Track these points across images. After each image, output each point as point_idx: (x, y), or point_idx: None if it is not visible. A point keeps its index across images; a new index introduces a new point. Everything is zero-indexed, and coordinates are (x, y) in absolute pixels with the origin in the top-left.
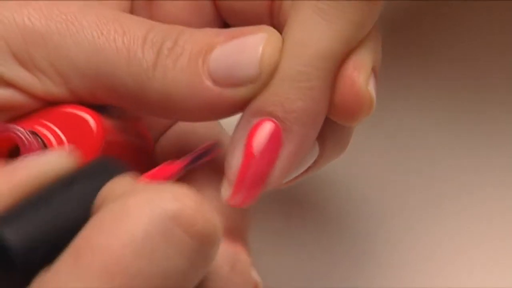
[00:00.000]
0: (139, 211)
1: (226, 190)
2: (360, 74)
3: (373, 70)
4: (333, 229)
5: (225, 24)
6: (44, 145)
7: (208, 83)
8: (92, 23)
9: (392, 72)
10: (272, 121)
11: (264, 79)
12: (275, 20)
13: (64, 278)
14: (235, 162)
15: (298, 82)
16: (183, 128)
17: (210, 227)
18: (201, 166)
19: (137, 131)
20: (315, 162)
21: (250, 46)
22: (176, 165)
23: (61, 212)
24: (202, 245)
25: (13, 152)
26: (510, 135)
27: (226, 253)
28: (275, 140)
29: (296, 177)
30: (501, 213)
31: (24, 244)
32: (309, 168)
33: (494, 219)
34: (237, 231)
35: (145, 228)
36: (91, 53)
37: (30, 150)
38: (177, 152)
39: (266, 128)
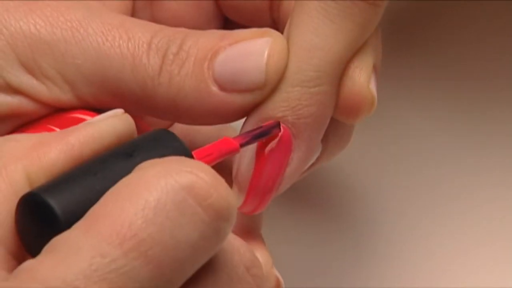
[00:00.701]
0: (154, 181)
1: (237, 198)
2: (361, 74)
3: (374, 68)
4: (333, 229)
5: (226, 20)
6: None
7: (214, 88)
8: (97, 30)
9: (392, 72)
10: (282, 126)
11: (270, 85)
12: (275, 15)
13: (75, 240)
14: (246, 169)
15: (309, 87)
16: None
17: (223, 203)
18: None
19: (140, 130)
20: (317, 159)
21: (255, 51)
22: (234, 142)
23: (115, 182)
24: (214, 219)
25: None
26: (510, 135)
27: (244, 254)
28: (285, 146)
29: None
30: (502, 213)
31: (70, 215)
32: (311, 164)
33: (494, 219)
34: (253, 229)
35: (158, 196)
36: (96, 59)
37: None
38: None
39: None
